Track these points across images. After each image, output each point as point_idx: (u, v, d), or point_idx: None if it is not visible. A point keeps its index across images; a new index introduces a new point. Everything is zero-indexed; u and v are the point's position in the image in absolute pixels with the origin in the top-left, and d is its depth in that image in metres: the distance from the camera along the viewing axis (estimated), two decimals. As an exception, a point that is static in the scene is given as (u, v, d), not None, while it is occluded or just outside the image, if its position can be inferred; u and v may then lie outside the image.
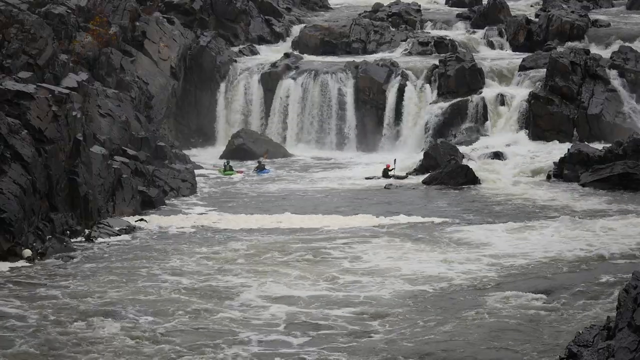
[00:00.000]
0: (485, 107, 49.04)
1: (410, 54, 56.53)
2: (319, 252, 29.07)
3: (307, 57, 55.52)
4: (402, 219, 34.28)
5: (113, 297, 24.02)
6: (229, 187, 41.83)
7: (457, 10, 66.44)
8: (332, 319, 22.38)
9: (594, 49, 52.80)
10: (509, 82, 50.95)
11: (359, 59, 53.97)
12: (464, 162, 43.40)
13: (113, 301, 23.63)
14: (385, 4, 64.98)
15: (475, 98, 49.36)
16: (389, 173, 43.30)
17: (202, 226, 33.34)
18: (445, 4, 72.18)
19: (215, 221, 34.19)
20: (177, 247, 29.87)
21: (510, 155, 44.94)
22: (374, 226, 33.22)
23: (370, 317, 22.62)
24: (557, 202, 37.32)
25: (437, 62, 51.71)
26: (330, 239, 31.09)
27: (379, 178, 43.03)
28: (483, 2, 66.57)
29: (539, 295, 23.81)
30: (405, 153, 47.90)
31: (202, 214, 35.81)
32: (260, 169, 45.71)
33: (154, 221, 33.86)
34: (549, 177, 42.36)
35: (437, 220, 34.09)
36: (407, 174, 43.53)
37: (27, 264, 27.56)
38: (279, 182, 42.84)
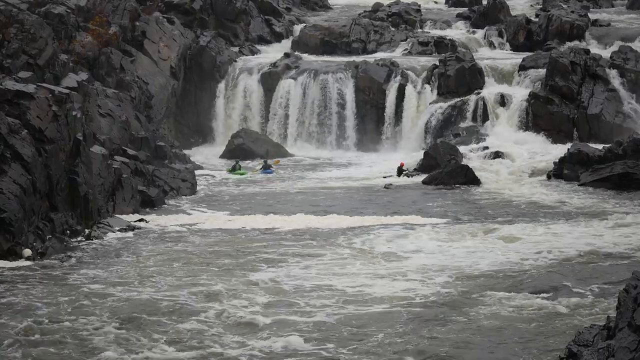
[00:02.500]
0: (485, 107, 49.07)
1: (410, 54, 56.56)
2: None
3: (307, 57, 55.53)
4: (395, 219, 34.12)
5: (106, 300, 24.03)
6: (228, 188, 41.82)
7: (457, 10, 66.49)
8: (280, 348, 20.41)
9: (594, 49, 52.82)
10: (509, 82, 50.96)
11: (359, 59, 53.99)
12: (464, 162, 43.43)
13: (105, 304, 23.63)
14: (385, 4, 65.02)
15: (475, 98, 49.39)
16: (403, 172, 43.40)
17: (201, 227, 33.31)
18: (445, 4, 72.23)
19: (214, 221, 34.17)
20: (173, 249, 29.77)
21: (510, 155, 44.96)
22: (355, 227, 32.93)
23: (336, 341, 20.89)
24: (557, 202, 37.30)
25: (437, 62, 51.74)
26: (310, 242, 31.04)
27: (392, 176, 43.24)
28: (483, 2, 66.62)
29: (538, 295, 23.80)
30: (405, 153, 47.94)
31: (194, 213, 35.85)
32: (265, 168, 45.81)
33: (153, 221, 33.87)
34: (549, 176, 42.36)
35: (435, 220, 34.10)
36: (412, 169, 43.77)
37: (27, 264, 27.54)
38: (279, 183, 42.84)
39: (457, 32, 60.79)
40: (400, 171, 43.59)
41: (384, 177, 43.07)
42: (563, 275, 25.91)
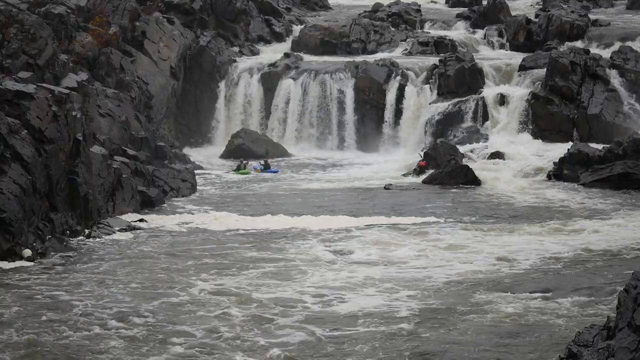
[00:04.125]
0: (485, 107, 49.06)
1: (410, 54, 56.58)
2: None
3: (307, 57, 55.54)
4: (390, 220, 33.95)
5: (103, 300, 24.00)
6: (228, 188, 41.83)
7: (457, 10, 66.52)
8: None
9: (594, 49, 52.82)
10: (509, 82, 50.96)
11: (359, 59, 53.99)
12: (464, 162, 43.44)
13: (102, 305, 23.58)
14: (385, 4, 65.05)
15: (475, 98, 49.38)
16: (425, 170, 43.52)
17: (200, 227, 33.25)
18: (445, 4, 72.26)
19: (214, 222, 34.12)
20: (169, 251, 29.60)
21: (510, 155, 44.95)
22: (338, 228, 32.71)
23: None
24: (556, 202, 37.31)
25: (437, 62, 51.73)
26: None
27: (412, 174, 43.41)
28: (483, 2, 66.63)
29: (538, 295, 23.78)
30: (405, 153, 47.95)
31: (196, 213, 35.80)
32: (266, 167, 45.83)
33: (153, 221, 33.83)
34: (549, 177, 42.38)
35: (433, 220, 34.07)
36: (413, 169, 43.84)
37: (27, 264, 27.50)
38: (278, 183, 42.84)
39: (457, 32, 60.79)
40: (421, 170, 43.63)
41: (403, 175, 43.30)
42: (562, 274, 25.90)
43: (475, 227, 32.62)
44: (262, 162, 46.47)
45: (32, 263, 27.56)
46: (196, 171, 43.01)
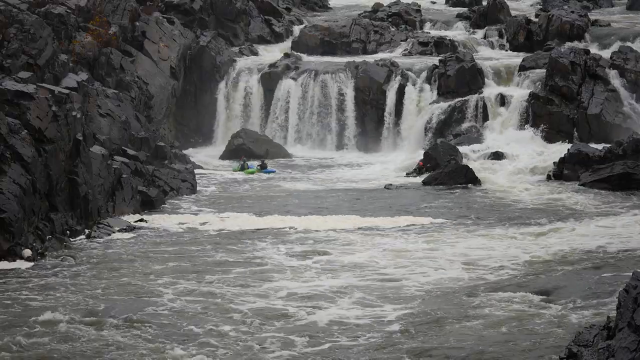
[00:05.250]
0: (485, 107, 49.04)
1: (410, 54, 56.56)
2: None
3: (307, 57, 55.52)
4: (385, 221, 33.93)
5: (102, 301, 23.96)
6: (228, 188, 41.82)
7: (457, 10, 66.51)
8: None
9: (594, 49, 52.80)
10: (509, 82, 50.94)
11: (359, 59, 53.97)
12: (464, 162, 43.44)
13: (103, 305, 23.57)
14: (385, 4, 65.05)
15: (475, 98, 49.36)
16: (423, 170, 43.47)
17: (200, 228, 33.23)
18: (445, 4, 72.27)
19: (214, 222, 34.11)
20: (169, 251, 29.63)
21: (510, 155, 44.95)
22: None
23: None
24: (557, 202, 37.29)
25: (437, 62, 51.72)
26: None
27: (414, 174, 43.41)
28: (483, 2, 66.63)
29: (537, 296, 23.76)
30: (405, 153, 47.92)
31: (198, 214, 35.81)
32: (264, 167, 45.77)
33: (153, 221, 33.82)
34: (548, 177, 42.36)
35: (432, 220, 34.06)
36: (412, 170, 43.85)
37: (27, 264, 27.50)
38: (278, 183, 42.82)
39: (457, 32, 60.79)
40: (420, 170, 43.61)
41: (406, 175, 43.33)
42: (562, 274, 25.88)
43: (474, 228, 32.62)
44: (259, 162, 46.34)
45: (31, 263, 27.58)
46: (196, 171, 43.01)
